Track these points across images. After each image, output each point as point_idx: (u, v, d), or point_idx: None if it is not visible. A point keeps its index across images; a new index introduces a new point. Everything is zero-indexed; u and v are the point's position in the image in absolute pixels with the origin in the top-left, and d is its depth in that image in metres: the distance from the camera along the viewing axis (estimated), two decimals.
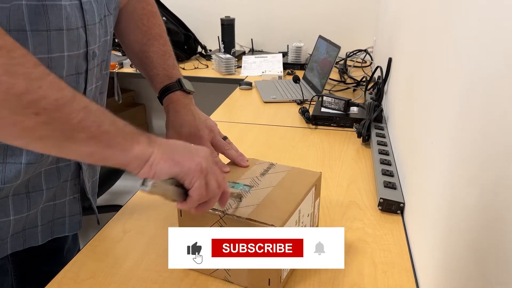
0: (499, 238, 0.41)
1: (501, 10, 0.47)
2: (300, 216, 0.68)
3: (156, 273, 0.70)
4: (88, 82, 0.70)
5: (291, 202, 0.66)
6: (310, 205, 0.73)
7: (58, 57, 0.62)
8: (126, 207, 0.89)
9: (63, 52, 0.62)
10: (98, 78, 0.73)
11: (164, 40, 0.87)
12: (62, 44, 0.61)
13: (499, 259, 0.41)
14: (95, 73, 0.71)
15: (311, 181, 0.73)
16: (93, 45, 0.68)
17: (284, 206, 0.65)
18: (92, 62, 0.69)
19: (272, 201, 0.67)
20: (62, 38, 0.61)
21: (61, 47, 0.61)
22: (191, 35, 2.33)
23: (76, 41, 0.64)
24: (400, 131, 1.07)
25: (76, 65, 0.65)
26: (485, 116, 0.48)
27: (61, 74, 0.63)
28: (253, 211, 0.63)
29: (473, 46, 0.56)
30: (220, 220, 0.64)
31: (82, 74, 0.68)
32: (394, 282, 0.69)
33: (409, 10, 1.18)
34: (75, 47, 0.64)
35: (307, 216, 0.72)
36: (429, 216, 0.68)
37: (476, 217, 0.48)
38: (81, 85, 0.68)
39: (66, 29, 0.61)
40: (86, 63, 0.67)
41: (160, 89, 0.84)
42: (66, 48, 0.62)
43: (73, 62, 0.65)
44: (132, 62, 0.90)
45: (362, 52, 2.21)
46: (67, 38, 0.62)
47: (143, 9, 0.87)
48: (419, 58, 0.93)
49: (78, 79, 0.67)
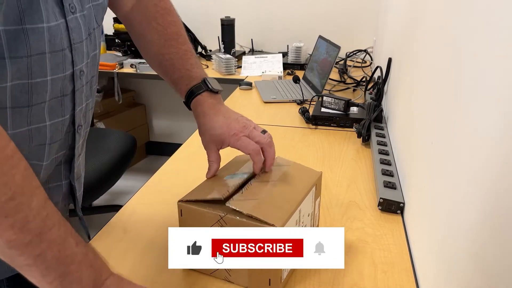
0: (499, 238, 0.41)
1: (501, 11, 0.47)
2: (301, 216, 0.68)
3: (156, 273, 0.70)
4: (77, 102, 0.64)
5: (292, 201, 0.66)
6: (310, 205, 0.73)
7: (40, 82, 0.56)
8: (126, 207, 0.89)
9: (46, 77, 0.57)
10: (88, 96, 0.68)
11: (183, 38, 0.79)
12: (44, 68, 0.56)
13: (499, 259, 0.41)
14: (84, 92, 0.66)
15: (311, 181, 0.73)
16: (80, 64, 0.63)
17: (284, 205, 0.65)
18: (79, 81, 0.64)
19: (273, 197, 0.67)
20: (44, 62, 0.56)
21: (43, 71, 0.56)
22: (191, 35, 2.33)
23: (61, 63, 0.59)
24: (400, 131, 1.07)
25: (61, 87, 0.60)
26: (485, 116, 0.48)
27: (44, 99, 0.58)
28: (254, 207, 0.63)
29: (473, 46, 0.56)
30: (220, 220, 0.64)
31: (68, 96, 0.62)
32: (394, 282, 0.69)
33: (409, 10, 1.18)
34: (60, 70, 0.59)
35: (308, 216, 0.72)
36: (429, 216, 0.68)
37: (476, 217, 0.48)
38: (68, 107, 0.63)
39: (49, 52, 0.56)
40: (72, 84, 0.62)
41: (186, 92, 0.76)
42: (50, 72, 0.57)
43: (58, 85, 0.60)
44: (151, 66, 0.82)
45: (362, 52, 2.21)
46: (50, 62, 0.57)
47: (156, 6, 0.78)
48: (419, 58, 0.93)
49: (63, 102, 0.62)
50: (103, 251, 0.75)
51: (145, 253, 0.75)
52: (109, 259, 0.74)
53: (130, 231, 0.81)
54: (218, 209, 0.64)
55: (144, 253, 0.75)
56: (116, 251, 0.76)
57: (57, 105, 0.61)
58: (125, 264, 0.72)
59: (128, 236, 0.80)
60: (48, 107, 0.59)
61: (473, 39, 0.56)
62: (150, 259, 0.73)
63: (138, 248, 0.76)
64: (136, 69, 2.16)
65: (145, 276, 0.69)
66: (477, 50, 0.54)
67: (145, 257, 0.74)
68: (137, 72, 2.16)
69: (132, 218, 0.85)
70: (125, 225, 0.83)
